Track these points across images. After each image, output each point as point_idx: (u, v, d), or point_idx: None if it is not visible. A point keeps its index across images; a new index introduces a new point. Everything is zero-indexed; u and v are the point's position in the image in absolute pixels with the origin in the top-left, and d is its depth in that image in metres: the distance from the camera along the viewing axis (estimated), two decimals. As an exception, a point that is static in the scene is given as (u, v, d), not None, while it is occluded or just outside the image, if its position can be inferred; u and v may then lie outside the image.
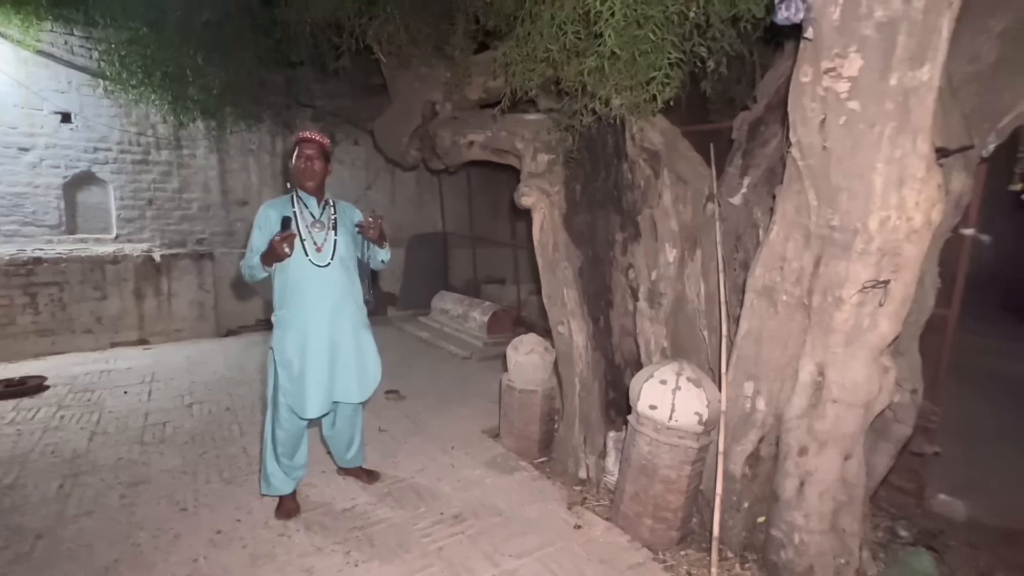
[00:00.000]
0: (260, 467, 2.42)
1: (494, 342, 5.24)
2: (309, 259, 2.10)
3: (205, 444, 3.04)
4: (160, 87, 4.19)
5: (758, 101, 2.72)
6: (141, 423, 3.32)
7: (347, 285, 2.20)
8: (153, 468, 2.76)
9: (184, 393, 3.86)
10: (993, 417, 3.63)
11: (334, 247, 2.16)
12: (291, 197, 2.19)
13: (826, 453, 1.89)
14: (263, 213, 2.15)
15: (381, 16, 3.33)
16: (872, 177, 1.60)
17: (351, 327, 2.21)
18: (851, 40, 1.49)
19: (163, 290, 5.23)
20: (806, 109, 1.68)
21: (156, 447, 3.00)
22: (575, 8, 2.29)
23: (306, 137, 2.15)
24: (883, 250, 1.65)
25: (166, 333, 5.26)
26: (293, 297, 2.11)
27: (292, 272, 2.09)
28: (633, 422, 2.30)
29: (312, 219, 2.16)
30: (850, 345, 1.77)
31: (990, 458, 2.99)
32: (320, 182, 2.19)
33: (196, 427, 3.27)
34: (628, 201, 3.06)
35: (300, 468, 2.36)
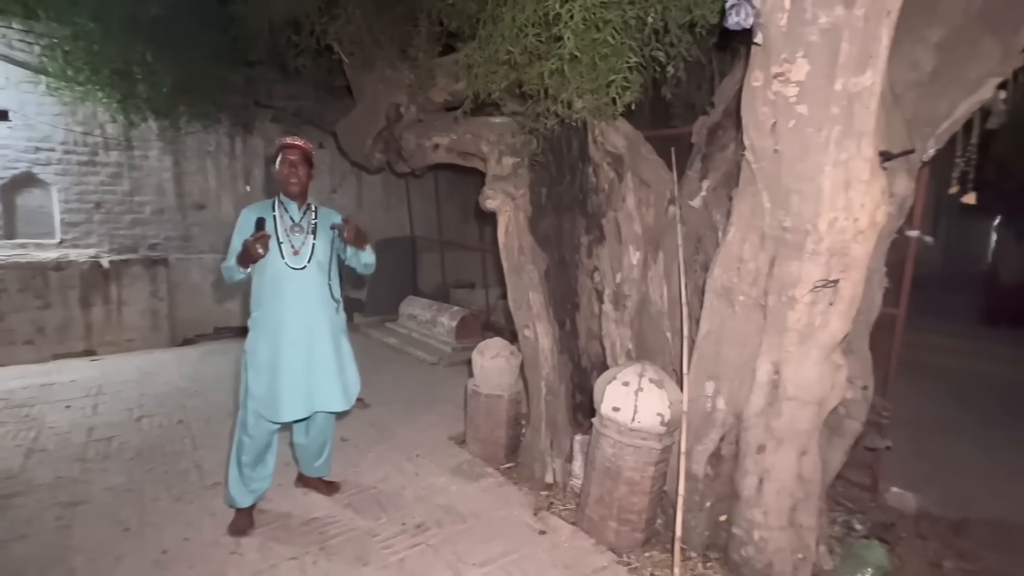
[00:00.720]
0: (225, 478, 2.33)
1: (463, 347, 5.17)
2: (285, 262, 2.10)
3: (153, 460, 2.88)
4: (108, 85, 3.98)
5: (716, 106, 2.78)
6: (84, 439, 3.13)
7: (324, 289, 2.20)
8: (95, 487, 2.59)
9: (133, 406, 3.66)
10: (941, 411, 3.80)
11: (312, 251, 2.16)
12: (273, 201, 2.21)
13: (783, 450, 1.92)
14: (244, 216, 2.17)
15: (342, 16, 3.26)
16: (820, 180, 1.64)
17: (329, 331, 2.18)
18: (798, 45, 1.52)
19: (112, 298, 4.97)
20: (758, 113, 1.71)
21: (99, 464, 2.83)
22: (535, 11, 2.29)
23: (289, 143, 2.19)
24: (832, 250, 1.70)
25: (116, 343, 4.99)
26: (269, 299, 2.12)
27: (269, 274, 2.11)
28: (597, 425, 2.29)
29: (292, 223, 2.18)
30: (803, 344, 1.81)
31: (938, 451, 3.12)
32: (303, 187, 2.21)
33: (145, 442, 3.10)
34: (593, 204, 3.08)
35: (264, 479, 2.29)
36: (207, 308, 5.53)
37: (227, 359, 4.82)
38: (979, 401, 4.11)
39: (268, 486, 2.32)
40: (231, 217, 5.74)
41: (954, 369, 4.89)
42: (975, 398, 4.17)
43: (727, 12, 1.53)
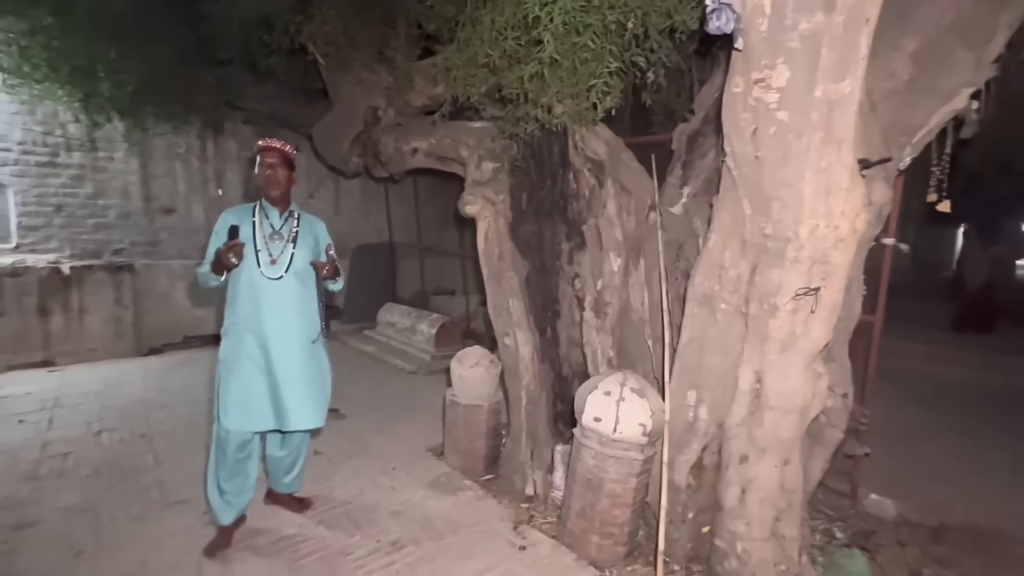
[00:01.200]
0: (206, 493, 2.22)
1: (442, 355, 5.08)
2: (261, 271, 2.03)
3: (112, 477, 2.72)
4: (68, 83, 3.80)
5: (696, 113, 2.78)
6: (37, 455, 2.94)
7: (301, 300, 2.12)
8: (46, 507, 2.42)
9: (92, 420, 3.47)
10: (912, 417, 3.86)
11: (290, 260, 2.08)
12: (254, 206, 2.13)
13: (765, 460, 1.90)
14: (222, 220, 2.09)
15: (317, 16, 3.18)
16: (801, 186, 1.63)
17: (306, 345, 2.10)
18: (778, 51, 1.51)
19: (73, 305, 4.74)
20: (738, 119, 1.70)
21: (52, 482, 2.65)
22: (515, 14, 2.25)
23: (267, 146, 2.10)
24: (813, 258, 1.69)
25: (76, 353, 4.75)
26: (243, 308, 2.04)
27: (243, 282, 2.04)
28: (578, 435, 2.24)
29: (271, 230, 2.09)
30: (785, 352, 1.80)
31: (912, 456, 3.16)
32: (284, 192, 2.13)
33: (103, 458, 2.93)
34: (574, 210, 3.04)
35: (246, 492, 2.19)
36: (176, 316, 5.32)
37: (196, 369, 4.64)
38: (949, 406, 4.20)
39: (250, 499, 2.21)
40: (201, 222, 5.57)
41: (922, 374, 4.99)
42: (944, 403, 4.25)
43: (708, 17, 1.51)
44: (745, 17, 1.50)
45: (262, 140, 2.13)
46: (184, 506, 2.44)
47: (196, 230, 5.52)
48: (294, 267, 2.09)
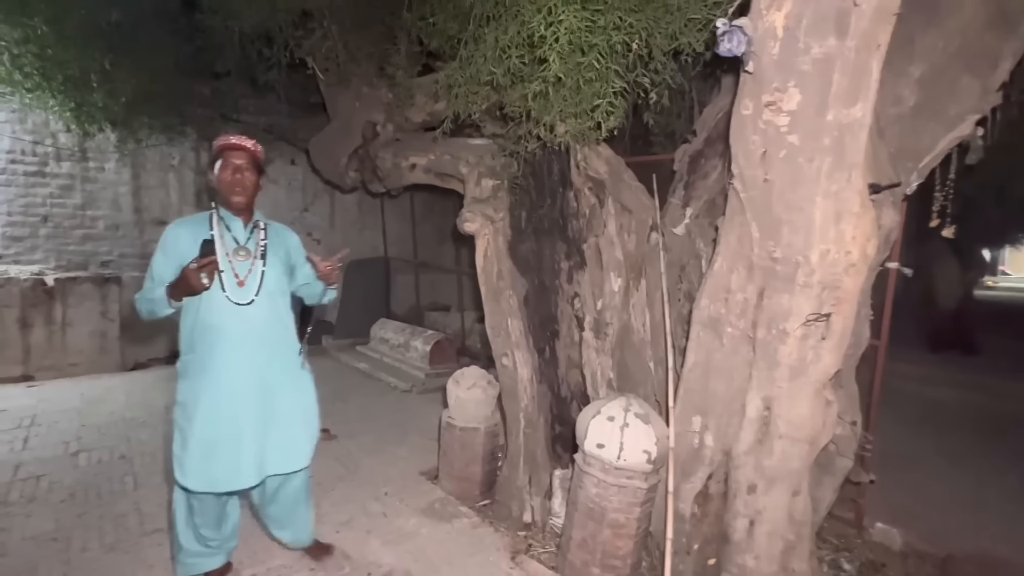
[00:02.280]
0: (174, 547, 1.93)
1: (437, 373, 4.99)
2: (227, 295, 1.69)
3: (87, 502, 2.59)
4: (61, 92, 3.74)
5: (698, 135, 2.78)
6: (8, 478, 2.80)
7: (276, 327, 1.81)
8: (14, 536, 2.29)
9: (70, 439, 3.33)
10: (914, 442, 3.82)
11: (260, 280, 1.76)
12: (210, 216, 1.79)
13: (775, 491, 1.83)
14: (172, 233, 1.76)
15: (318, 31, 3.16)
16: (812, 211, 1.60)
17: (281, 376, 1.81)
18: (790, 75, 1.49)
19: (56, 318, 4.60)
20: (747, 142, 1.67)
21: (23, 508, 2.52)
22: (519, 32, 2.24)
23: (233, 144, 1.76)
24: (824, 283, 1.65)
25: (58, 368, 4.60)
26: (204, 341, 1.71)
27: (204, 310, 1.70)
28: (580, 462, 2.17)
29: (235, 244, 1.76)
30: (795, 379, 1.75)
31: (914, 483, 3.10)
32: (250, 199, 1.80)
33: (79, 481, 2.79)
34: (573, 229, 3.01)
35: (231, 537, 1.96)
36: (163, 330, 5.18)
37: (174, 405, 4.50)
38: (939, 428, 4.17)
39: (236, 543, 2.00)
40: (193, 234, 5.47)
41: (906, 394, 4.94)
42: (933, 425, 4.22)
43: (719, 39, 1.49)
44: (756, 40, 1.48)
45: (224, 136, 1.78)
46: (163, 535, 2.31)
47: (187, 242, 5.42)
48: (266, 288, 1.76)
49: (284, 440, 1.80)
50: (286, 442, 1.80)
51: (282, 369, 1.83)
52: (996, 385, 5.42)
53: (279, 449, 1.79)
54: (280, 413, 1.80)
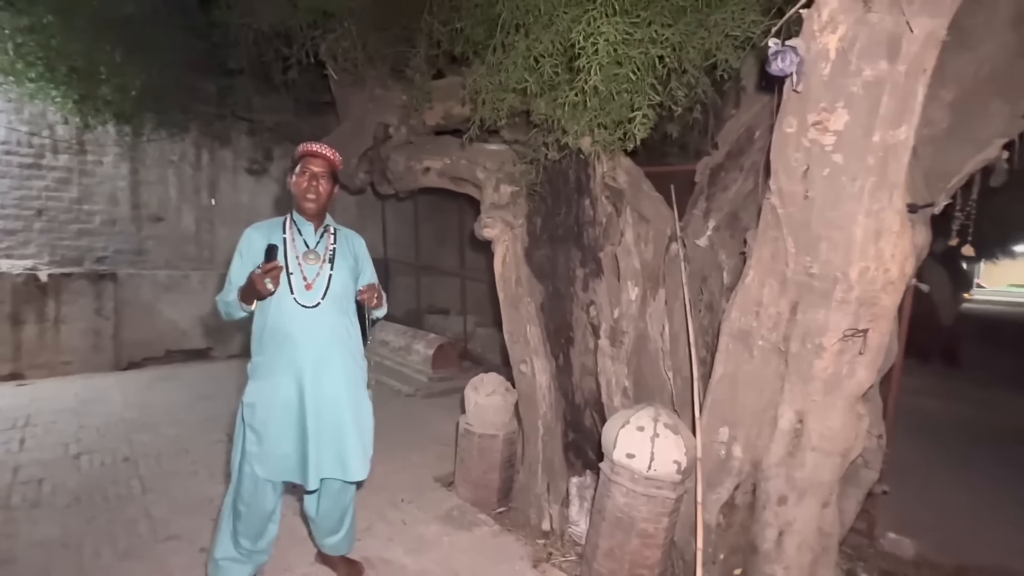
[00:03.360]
0: (211, 547, 1.94)
1: (439, 377, 4.96)
2: (294, 297, 1.73)
3: (94, 507, 2.51)
4: (64, 83, 3.63)
5: (719, 148, 2.82)
6: (8, 481, 2.70)
7: (341, 331, 1.83)
8: (21, 541, 2.21)
9: (69, 440, 3.23)
10: (912, 450, 3.91)
11: (327, 284, 1.79)
12: (283, 220, 1.85)
13: (805, 502, 1.86)
14: (247, 237, 1.81)
15: (337, 30, 3.13)
16: (853, 228, 1.64)
17: (346, 383, 1.81)
18: (839, 96, 1.52)
19: (48, 315, 4.46)
20: (789, 159, 1.70)
21: (27, 513, 2.43)
22: (553, 42, 2.25)
23: (313, 151, 1.81)
24: (861, 300, 1.68)
25: (50, 366, 4.46)
26: (272, 343, 1.74)
27: (273, 313, 1.73)
28: (607, 471, 2.17)
29: (305, 248, 1.81)
30: (829, 393, 1.78)
31: (923, 493, 3.17)
32: (323, 205, 1.84)
33: (83, 484, 2.71)
34: (589, 237, 3.02)
35: (264, 552, 1.93)
36: (158, 329, 5.07)
37: (179, 386, 4.41)
38: (939, 439, 4.27)
39: (268, 559, 1.97)
40: (191, 231, 5.38)
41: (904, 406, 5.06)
42: (933, 436, 4.32)
43: (770, 58, 1.52)
44: (808, 60, 1.51)
45: (307, 144, 1.83)
46: (178, 542, 2.26)
47: (185, 240, 5.32)
48: (332, 292, 1.79)
49: (346, 447, 1.79)
50: (348, 450, 1.79)
51: (347, 374, 1.82)
52: (984, 397, 5.57)
53: (340, 456, 1.78)
54: (344, 420, 1.79)
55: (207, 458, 3.08)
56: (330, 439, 1.77)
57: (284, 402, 1.73)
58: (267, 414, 1.74)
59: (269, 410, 1.74)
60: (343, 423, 1.79)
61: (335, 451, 1.77)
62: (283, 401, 1.73)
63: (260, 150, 5.26)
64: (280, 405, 1.73)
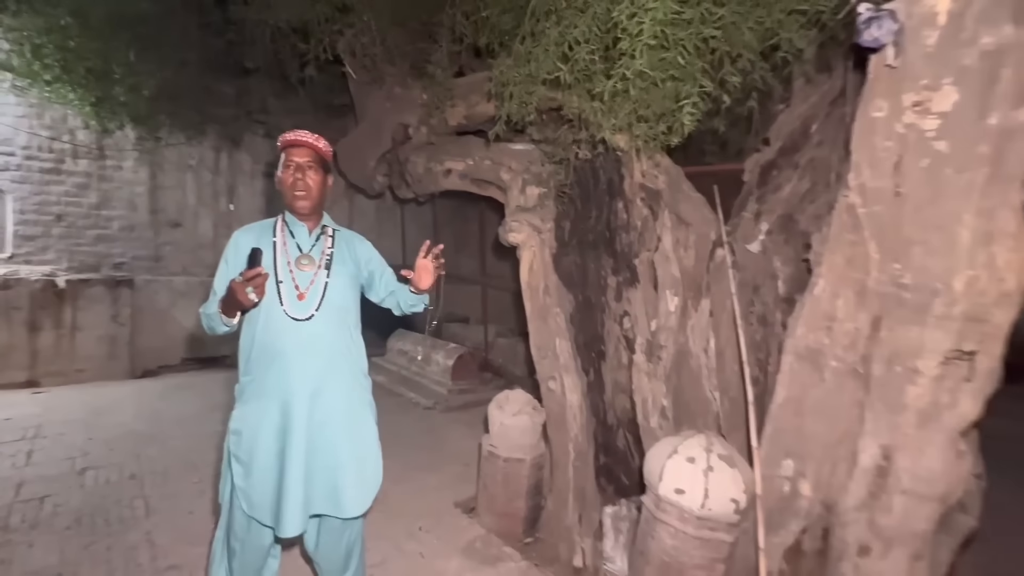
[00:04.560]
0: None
1: (459, 389, 4.75)
2: (284, 309, 1.51)
3: (95, 529, 2.35)
4: (82, 86, 3.56)
5: (771, 144, 2.56)
6: (10, 498, 2.57)
7: (340, 347, 1.59)
8: (14, 570, 2.05)
9: (76, 454, 3.10)
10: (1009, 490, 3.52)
11: (323, 293, 1.56)
12: (274, 222, 1.64)
13: (893, 554, 1.57)
14: (233, 242, 1.60)
15: (356, 25, 2.97)
16: (958, 230, 1.37)
17: (344, 407, 1.57)
18: (946, 70, 1.27)
19: (65, 322, 4.40)
20: (877, 148, 1.44)
21: (25, 535, 2.28)
22: (589, 27, 2.03)
23: (295, 139, 1.56)
24: (968, 315, 1.41)
25: (64, 374, 4.38)
26: (261, 362, 1.52)
27: (261, 327, 1.52)
28: (651, 507, 1.91)
29: (299, 252, 1.58)
30: (925, 426, 1.50)
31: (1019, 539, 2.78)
32: (315, 201, 1.61)
33: (86, 504, 2.56)
34: (622, 242, 2.78)
35: None
36: (174, 336, 4.98)
37: (192, 395, 4.28)
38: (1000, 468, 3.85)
39: None
40: (209, 237, 5.29)
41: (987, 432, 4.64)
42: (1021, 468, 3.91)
43: (860, 26, 1.27)
44: (910, 28, 1.25)
45: (287, 133, 1.59)
46: (178, 572, 2.08)
47: (202, 246, 5.24)
48: (329, 302, 1.56)
49: (340, 481, 1.54)
50: (343, 483, 1.55)
51: (345, 399, 1.58)
52: None
53: (334, 490, 1.54)
54: (339, 450, 1.55)
55: (215, 475, 2.90)
56: (322, 471, 1.53)
57: (271, 430, 1.50)
58: (253, 444, 1.51)
59: (255, 439, 1.51)
60: (337, 453, 1.55)
61: (328, 485, 1.53)
62: (270, 429, 1.50)
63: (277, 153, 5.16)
64: (267, 434, 1.50)
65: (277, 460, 1.51)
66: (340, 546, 1.70)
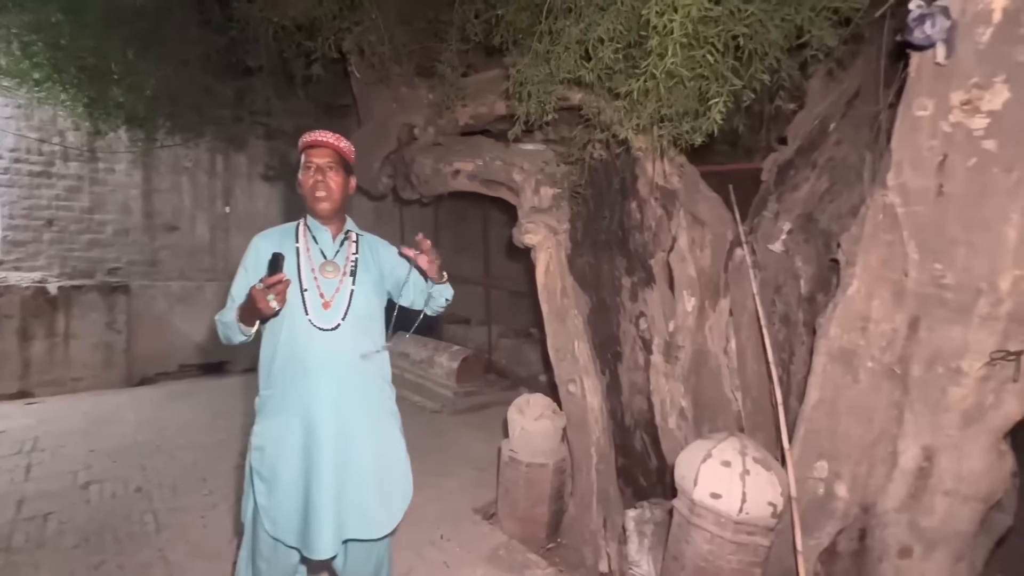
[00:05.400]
0: None
1: (465, 392, 4.70)
2: (309, 318, 1.45)
3: (104, 547, 2.27)
4: (74, 85, 3.44)
5: (789, 143, 2.55)
6: (11, 515, 2.47)
7: (369, 359, 1.52)
8: (23, 592, 1.97)
9: (78, 467, 3.00)
10: None
11: (348, 302, 1.50)
12: (296, 226, 1.58)
13: (936, 556, 1.57)
14: (253, 247, 1.53)
15: (364, 23, 2.90)
16: (1004, 229, 1.36)
17: (369, 420, 1.50)
18: (998, 68, 1.26)
19: (59, 330, 4.26)
20: (921, 147, 1.43)
21: (30, 555, 2.19)
22: (612, 25, 1.99)
23: (316, 140, 1.49)
24: (1014, 315, 1.40)
25: (59, 383, 4.25)
26: (284, 374, 1.46)
27: (285, 337, 1.46)
28: (684, 512, 1.89)
29: (323, 259, 1.52)
30: (969, 427, 1.49)
31: None
32: (338, 204, 1.54)
33: (93, 520, 2.47)
34: (636, 243, 2.76)
35: None
36: (172, 342, 4.86)
37: (194, 403, 4.18)
38: None
39: None
40: (206, 240, 5.17)
41: None
42: None
43: (910, 24, 1.25)
44: (962, 26, 1.24)
45: (308, 133, 1.52)
46: (195, 590, 2.01)
47: (199, 249, 5.12)
48: (355, 311, 1.49)
49: (368, 500, 1.49)
50: (370, 502, 1.49)
51: (373, 410, 1.53)
52: None
53: (361, 512, 1.48)
54: (366, 466, 1.49)
55: (226, 487, 2.83)
56: (351, 489, 1.46)
57: (295, 447, 1.44)
58: (277, 461, 1.44)
59: (279, 457, 1.44)
60: (364, 469, 1.48)
61: (358, 504, 1.47)
62: (294, 446, 1.44)
63: (276, 156, 5.05)
64: (291, 451, 1.44)
65: (302, 478, 1.45)
66: (370, 563, 1.64)
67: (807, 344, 2.27)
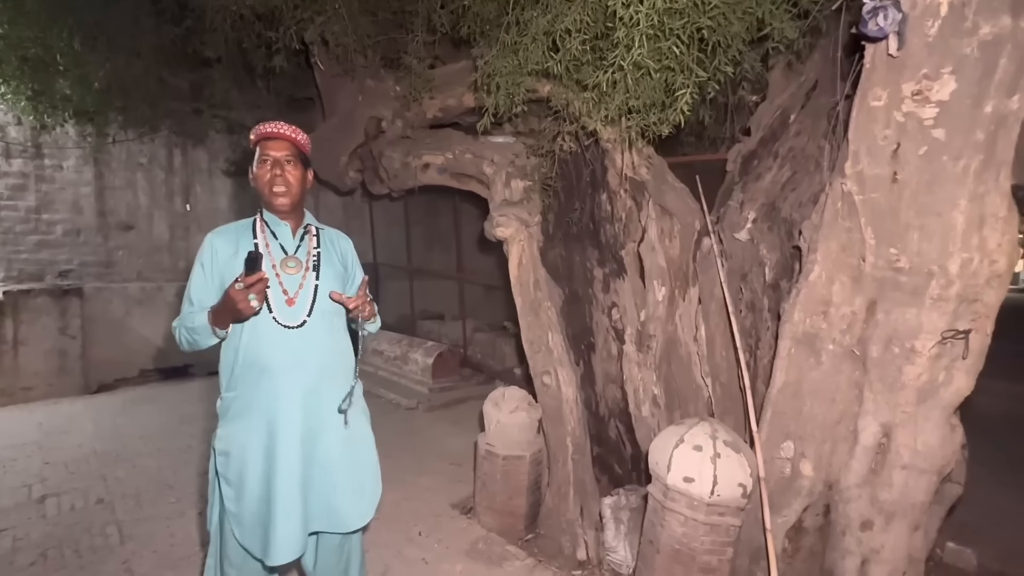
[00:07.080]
0: None
1: (440, 388, 4.68)
2: (273, 316, 1.40)
3: (65, 563, 2.16)
4: (15, 77, 3.23)
5: (752, 134, 2.61)
6: (-41, 535, 2.33)
7: (333, 355, 1.49)
8: (-25, 614, 1.87)
9: (32, 480, 2.85)
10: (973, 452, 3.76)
11: (313, 297, 1.45)
12: (253, 222, 1.51)
13: (894, 526, 1.65)
14: (208, 245, 1.45)
15: (328, 12, 2.82)
16: (953, 215, 1.43)
17: (337, 416, 1.47)
18: (946, 60, 1.31)
19: (6, 336, 4.03)
20: (876, 137, 1.48)
21: (-18, 575, 2.08)
22: (579, 17, 1.99)
23: (272, 132, 1.43)
24: (962, 296, 1.48)
25: (9, 393, 4.02)
26: (248, 376, 1.41)
27: (247, 337, 1.40)
28: (659, 497, 1.93)
29: (283, 254, 1.47)
30: (923, 403, 1.57)
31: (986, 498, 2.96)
32: (296, 198, 1.48)
33: (51, 535, 2.35)
34: (607, 234, 2.80)
35: None
36: (131, 347, 4.65)
37: (156, 410, 4.02)
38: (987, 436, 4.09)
39: None
40: (164, 239, 4.97)
41: None
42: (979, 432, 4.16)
43: (865, 16, 1.30)
44: (912, 18, 1.28)
45: (261, 125, 1.45)
46: (164, 602, 1.94)
47: (158, 249, 4.91)
48: (320, 307, 1.45)
49: (338, 494, 1.46)
50: (340, 496, 1.47)
51: (337, 405, 1.48)
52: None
53: (328, 509, 1.46)
54: (334, 461, 1.46)
55: (193, 494, 2.74)
56: (318, 488, 1.44)
57: (260, 451, 1.39)
58: (242, 466, 1.39)
59: (244, 461, 1.39)
60: (333, 466, 1.46)
61: (325, 502, 1.45)
62: (259, 449, 1.39)
63: (238, 150, 4.88)
64: (255, 455, 1.39)
65: (265, 484, 1.40)
66: (340, 562, 1.61)
67: (772, 330, 2.34)
